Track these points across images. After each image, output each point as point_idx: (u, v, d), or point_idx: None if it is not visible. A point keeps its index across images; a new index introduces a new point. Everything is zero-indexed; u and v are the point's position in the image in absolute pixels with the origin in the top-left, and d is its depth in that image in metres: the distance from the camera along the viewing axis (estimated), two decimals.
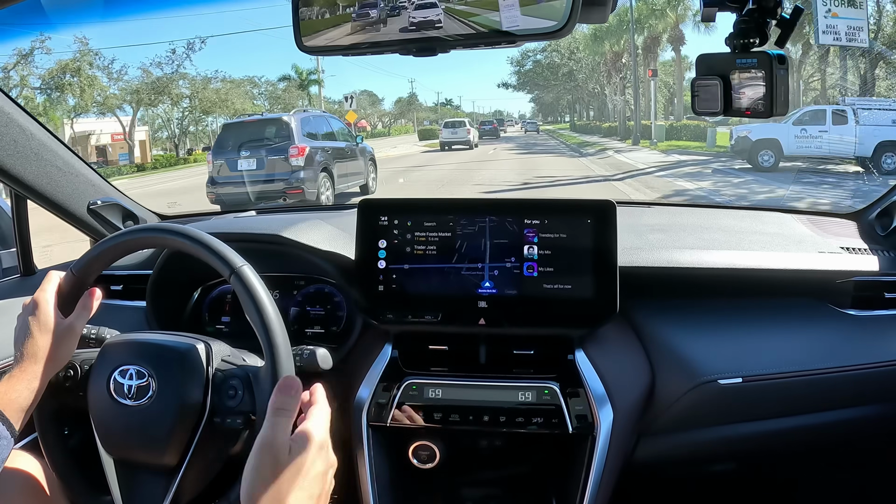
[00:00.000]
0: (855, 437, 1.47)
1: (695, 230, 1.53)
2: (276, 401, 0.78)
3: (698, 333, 1.33)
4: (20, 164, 1.39)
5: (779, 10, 0.86)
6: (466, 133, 25.63)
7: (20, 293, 1.50)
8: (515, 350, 1.28)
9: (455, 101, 74.16)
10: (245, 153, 9.37)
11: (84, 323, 1.02)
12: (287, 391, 0.79)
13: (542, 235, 1.25)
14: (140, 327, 1.43)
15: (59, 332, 0.97)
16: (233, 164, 9.36)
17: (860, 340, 1.34)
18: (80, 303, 1.02)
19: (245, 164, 9.34)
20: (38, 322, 0.96)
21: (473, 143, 25.70)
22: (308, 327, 1.46)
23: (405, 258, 1.28)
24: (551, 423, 1.21)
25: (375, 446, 1.27)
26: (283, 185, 9.12)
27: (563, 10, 0.72)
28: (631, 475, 1.33)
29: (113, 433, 0.97)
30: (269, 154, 9.35)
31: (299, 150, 9.22)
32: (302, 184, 9.15)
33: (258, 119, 10.51)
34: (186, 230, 0.99)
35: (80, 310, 1.01)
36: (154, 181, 17.23)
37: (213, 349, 1.01)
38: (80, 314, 1.01)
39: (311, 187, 9.22)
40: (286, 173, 9.19)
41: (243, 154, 9.37)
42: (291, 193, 9.05)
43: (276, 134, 9.57)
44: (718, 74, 0.91)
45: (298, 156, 9.22)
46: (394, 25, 0.78)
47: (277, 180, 9.18)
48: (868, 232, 1.52)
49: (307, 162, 9.27)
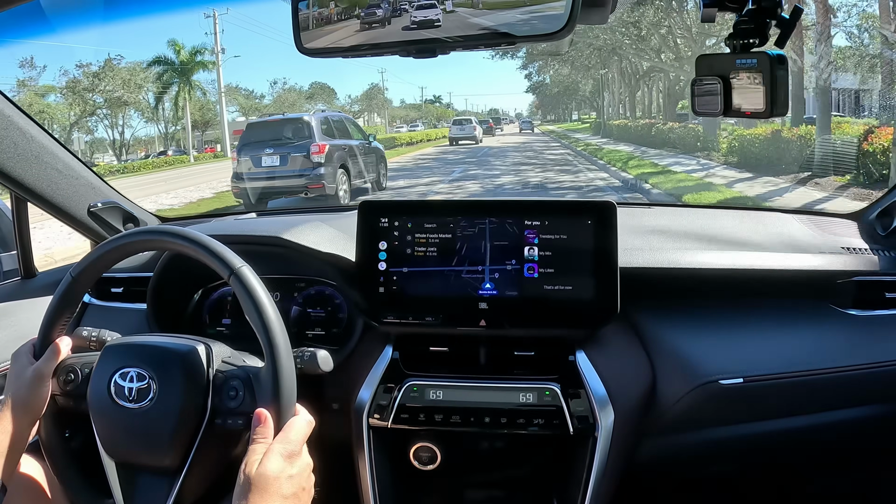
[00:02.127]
0: (856, 437, 1.46)
1: (695, 231, 1.53)
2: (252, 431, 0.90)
3: (699, 334, 1.33)
4: (20, 167, 1.39)
5: (778, 10, 0.86)
6: (473, 129, 27.74)
7: (21, 296, 1.50)
8: (516, 351, 1.28)
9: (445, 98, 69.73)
10: (269, 150, 10.01)
11: (52, 367, 1.03)
12: (257, 422, 0.91)
13: (543, 237, 1.25)
14: (141, 330, 1.43)
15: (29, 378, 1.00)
16: (257, 160, 10.04)
17: (861, 340, 1.34)
18: (49, 349, 1.03)
19: (269, 160, 10.02)
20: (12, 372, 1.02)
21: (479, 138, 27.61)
22: (309, 329, 1.46)
23: (406, 260, 1.28)
24: (552, 424, 1.21)
25: (376, 448, 1.27)
26: (305, 181, 9.77)
27: (563, 12, 0.72)
28: (632, 476, 1.33)
29: (114, 436, 0.97)
30: (293, 151, 9.98)
31: (320, 148, 9.87)
32: (322, 179, 9.75)
33: (280, 119, 11.20)
34: (185, 232, 0.99)
35: (49, 354, 1.03)
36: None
37: (214, 350, 1.01)
38: (49, 358, 1.03)
39: (330, 182, 9.84)
40: (308, 169, 9.82)
41: (267, 151, 10.01)
42: (313, 188, 9.73)
43: (297, 133, 10.19)
44: (718, 75, 0.91)
45: (319, 153, 9.84)
46: (395, 26, 0.79)
47: (300, 175, 9.83)
48: (868, 232, 1.51)
49: (327, 159, 9.88)
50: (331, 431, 1.39)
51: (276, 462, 0.87)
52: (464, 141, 27.08)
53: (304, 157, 9.85)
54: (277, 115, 12.59)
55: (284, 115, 12.63)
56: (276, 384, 0.93)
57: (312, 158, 9.83)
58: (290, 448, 0.89)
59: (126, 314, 1.51)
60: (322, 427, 1.40)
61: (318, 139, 9.98)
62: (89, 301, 1.58)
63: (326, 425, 1.40)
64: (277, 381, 0.93)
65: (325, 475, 1.07)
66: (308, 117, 10.54)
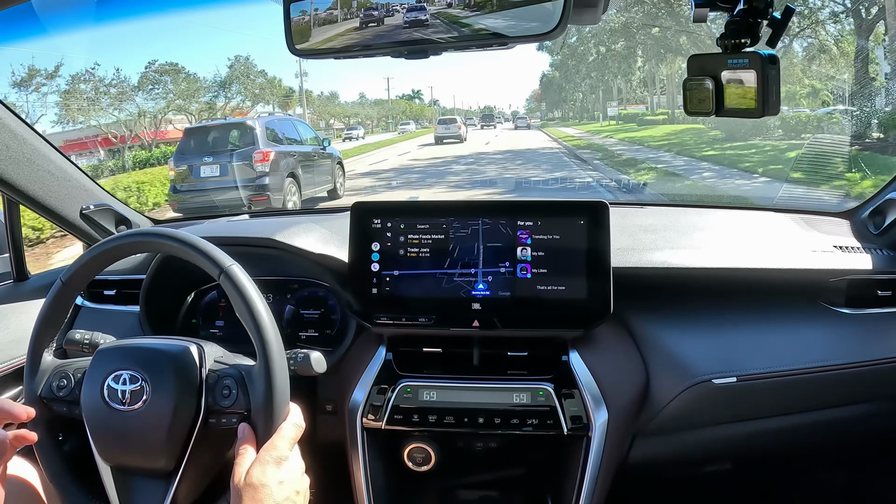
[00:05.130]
0: (849, 434, 1.47)
1: (688, 230, 1.53)
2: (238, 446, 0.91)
3: (692, 333, 1.34)
4: (13, 170, 1.39)
5: (770, 10, 0.86)
6: (458, 129, 27.35)
7: (13, 299, 1.49)
8: (510, 352, 1.28)
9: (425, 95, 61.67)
10: (208, 159, 8.85)
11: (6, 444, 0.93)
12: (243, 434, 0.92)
13: (536, 237, 1.25)
14: (134, 332, 1.43)
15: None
16: (196, 170, 8.85)
17: (854, 339, 1.34)
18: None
19: (208, 170, 8.79)
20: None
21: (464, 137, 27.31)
22: (302, 331, 1.46)
23: (399, 261, 1.28)
24: (546, 424, 1.21)
25: (370, 449, 1.27)
26: (248, 193, 8.64)
27: (554, 12, 0.73)
28: (626, 475, 1.33)
29: (108, 439, 0.97)
30: (234, 160, 8.87)
31: (264, 156, 8.82)
32: (267, 190, 8.70)
33: (221, 123, 9.99)
34: (174, 233, 0.99)
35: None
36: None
37: (206, 350, 1.01)
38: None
39: (276, 193, 8.80)
40: (251, 180, 8.76)
41: (206, 160, 8.83)
42: (257, 201, 8.57)
43: (239, 139, 9.10)
44: (710, 74, 0.91)
45: (263, 161, 8.80)
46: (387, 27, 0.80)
47: (242, 187, 8.72)
48: (860, 230, 1.52)
49: (272, 167, 8.85)
50: (325, 432, 1.39)
51: (265, 469, 0.87)
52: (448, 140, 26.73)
53: (247, 166, 8.73)
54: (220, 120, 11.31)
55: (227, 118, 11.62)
56: (268, 381, 0.92)
57: (256, 167, 8.73)
58: (279, 454, 0.89)
59: (119, 317, 1.51)
60: (316, 428, 1.40)
61: (261, 146, 8.83)
62: (82, 304, 1.58)
63: (320, 426, 1.40)
64: (270, 378, 0.92)
65: (320, 477, 1.07)
66: (252, 121, 9.36)
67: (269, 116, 10.48)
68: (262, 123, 9.33)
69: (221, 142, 9.15)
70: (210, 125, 10.05)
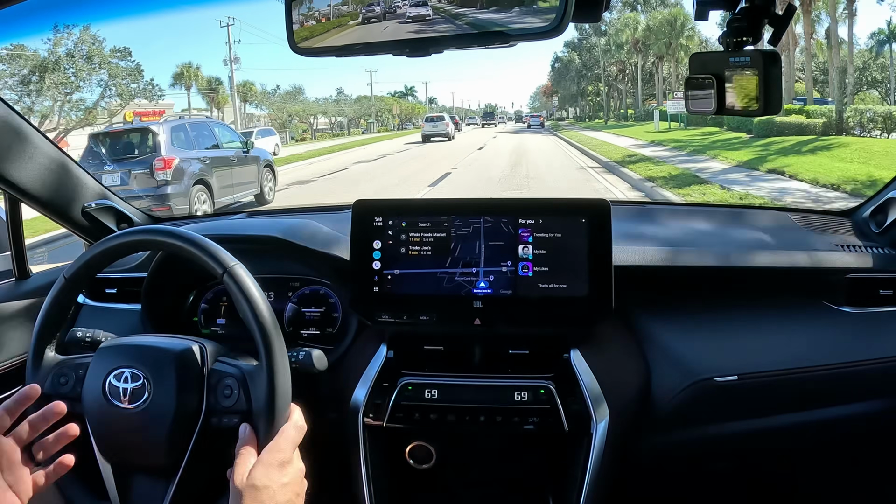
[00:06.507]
0: (852, 432, 1.47)
1: (689, 229, 1.53)
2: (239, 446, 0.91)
3: (694, 332, 1.34)
4: (14, 167, 1.39)
5: (772, 8, 0.86)
6: (445, 126, 27.58)
7: (15, 297, 1.49)
8: (511, 350, 1.28)
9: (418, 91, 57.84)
10: (109, 167, 8.51)
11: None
12: (244, 434, 0.92)
13: (537, 235, 1.25)
14: (135, 330, 1.43)
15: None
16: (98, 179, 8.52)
17: (855, 337, 1.34)
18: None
19: (109, 178, 8.32)
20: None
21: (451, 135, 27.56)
22: (303, 329, 1.46)
23: (400, 259, 1.28)
24: (547, 422, 1.21)
25: (372, 447, 1.27)
26: (147, 203, 8.14)
27: (555, 10, 0.73)
28: (627, 473, 1.33)
29: (109, 437, 0.97)
30: (134, 167, 8.49)
31: (165, 163, 8.41)
32: (169, 200, 8.36)
33: (124, 129, 9.48)
34: (177, 231, 0.99)
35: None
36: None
37: (208, 349, 1.01)
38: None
39: (180, 203, 8.44)
40: (151, 189, 8.37)
41: (107, 168, 8.50)
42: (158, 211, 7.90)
43: (141, 144, 8.72)
44: (712, 73, 0.91)
45: (165, 168, 8.40)
46: (389, 24, 0.80)
47: (142, 196, 8.27)
48: (862, 229, 1.52)
49: (175, 175, 8.47)
50: (326, 431, 1.39)
51: (268, 471, 0.87)
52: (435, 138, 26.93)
53: (147, 175, 8.32)
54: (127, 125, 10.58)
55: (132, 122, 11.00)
56: (270, 381, 0.92)
57: (156, 175, 8.31)
58: (281, 456, 0.89)
59: (120, 315, 1.51)
60: (317, 427, 1.40)
61: (164, 152, 8.41)
62: (83, 302, 1.58)
63: (321, 425, 1.40)
64: (272, 379, 0.92)
65: (321, 475, 1.07)
66: (156, 126, 8.90)
67: (178, 120, 9.98)
68: (168, 128, 8.96)
69: (126, 148, 8.82)
70: (112, 130, 9.58)
